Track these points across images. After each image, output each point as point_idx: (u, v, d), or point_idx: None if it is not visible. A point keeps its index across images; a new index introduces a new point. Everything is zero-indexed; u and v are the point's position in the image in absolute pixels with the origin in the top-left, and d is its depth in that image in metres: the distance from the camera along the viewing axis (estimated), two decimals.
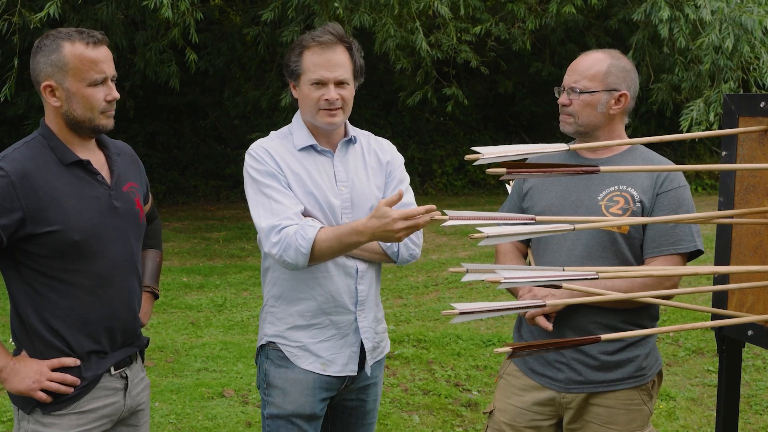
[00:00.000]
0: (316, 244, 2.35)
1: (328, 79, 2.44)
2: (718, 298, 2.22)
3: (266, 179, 2.46)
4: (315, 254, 2.37)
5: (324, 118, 2.48)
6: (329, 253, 2.39)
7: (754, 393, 4.80)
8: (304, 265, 2.39)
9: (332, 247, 2.37)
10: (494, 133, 14.18)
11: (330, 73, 2.44)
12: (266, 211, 2.43)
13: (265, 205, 2.44)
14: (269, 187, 2.45)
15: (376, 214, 2.28)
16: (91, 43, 2.19)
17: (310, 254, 2.36)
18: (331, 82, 2.45)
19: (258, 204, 2.46)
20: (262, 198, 2.45)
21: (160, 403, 4.55)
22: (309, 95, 2.47)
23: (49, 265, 2.20)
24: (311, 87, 2.46)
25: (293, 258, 2.37)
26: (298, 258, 2.37)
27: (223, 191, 12.40)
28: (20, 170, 2.15)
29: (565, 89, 2.54)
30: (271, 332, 2.59)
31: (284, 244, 2.37)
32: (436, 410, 4.54)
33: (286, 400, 2.54)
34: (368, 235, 2.30)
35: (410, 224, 2.23)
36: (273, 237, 2.39)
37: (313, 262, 2.40)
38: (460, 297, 7.01)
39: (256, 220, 2.45)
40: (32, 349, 2.24)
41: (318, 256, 2.39)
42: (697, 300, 6.29)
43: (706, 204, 11.03)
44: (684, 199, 2.47)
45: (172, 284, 7.29)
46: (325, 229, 2.39)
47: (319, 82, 2.45)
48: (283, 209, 2.42)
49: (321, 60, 2.44)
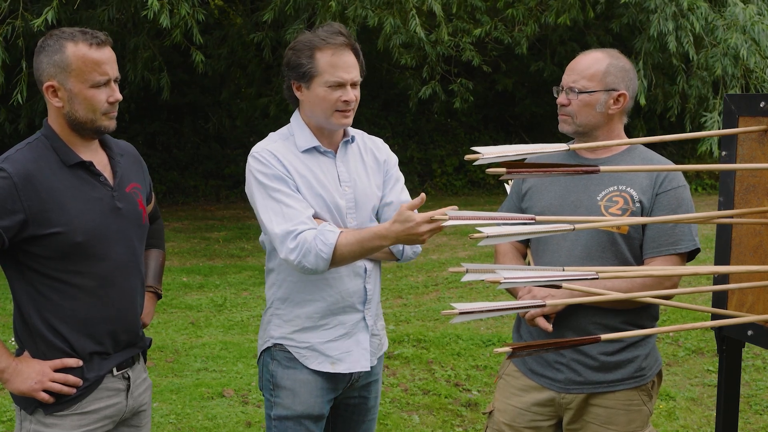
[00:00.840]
0: (338, 249, 2.35)
1: (346, 81, 2.46)
2: (718, 298, 2.22)
3: (275, 183, 2.44)
4: (336, 259, 2.36)
5: (339, 120, 2.49)
6: (350, 257, 2.39)
7: (754, 393, 4.81)
8: (323, 270, 2.38)
9: (354, 252, 2.37)
10: (494, 133, 14.18)
11: (348, 74, 2.46)
12: (279, 217, 2.41)
13: (276, 210, 2.42)
14: (278, 191, 2.43)
15: (399, 218, 2.28)
16: (95, 44, 2.18)
17: (331, 259, 2.35)
18: (348, 84, 2.47)
19: (268, 209, 2.43)
20: (273, 203, 2.43)
21: (160, 403, 4.55)
22: (326, 97, 2.46)
23: (51, 267, 2.20)
24: (329, 89, 2.45)
25: (313, 263, 2.35)
26: (319, 263, 2.35)
27: (223, 191, 12.40)
28: (22, 172, 2.14)
29: (564, 89, 2.53)
30: (277, 334, 2.58)
31: (303, 249, 2.35)
32: (436, 410, 4.54)
33: (296, 401, 2.53)
34: (392, 239, 2.31)
35: (434, 226, 2.26)
36: (289, 243, 2.37)
37: (333, 266, 2.39)
38: (460, 297, 7.01)
39: (268, 225, 2.42)
40: (35, 349, 2.24)
41: (338, 261, 2.38)
42: (697, 300, 6.29)
43: (706, 204, 11.03)
44: (683, 199, 2.47)
45: (172, 284, 7.30)
46: (346, 234, 2.38)
47: (338, 84, 2.45)
48: (296, 214, 2.40)
49: (338, 62, 2.45)
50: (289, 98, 2.59)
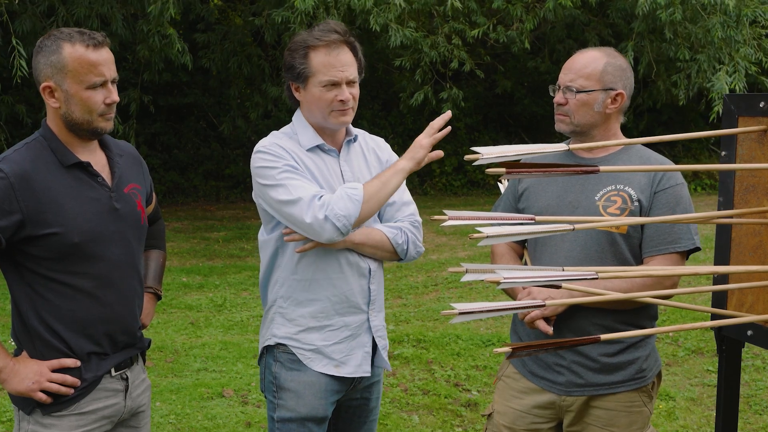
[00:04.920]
0: (366, 189, 2.39)
1: (341, 80, 2.43)
2: (717, 298, 2.21)
3: (289, 168, 2.42)
4: (365, 201, 2.38)
5: (337, 119, 2.47)
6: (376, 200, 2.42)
7: (753, 393, 4.80)
8: (355, 216, 2.36)
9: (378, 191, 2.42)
10: (494, 133, 14.18)
11: (342, 73, 2.43)
12: (299, 188, 2.38)
13: (295, 184, 2.39)
14: (295, 172, 2.42)
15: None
16: (92, 45, 2.17)
17: (362, 202, 2.37)
18: (343, 82, 2.44)
19: (286, 185, 2.39)
20: (291, 180, 2.40)
21: (159, 403, 4.55)
22: (321, 97, 2.45)
23: (49, 267, 2.19)
24: (323, 89, 2.44)
25: (345, 209, 2.34)
26: (350, 208, 2.35)
27: (223, 191, 12.40)
28: (20, 172, 2.14)
29: (561, 88, 2.52)
30: (281, 333, 2.55)
31: (333, 200, 2.35)
32: (436, 410, 4.54)
33: (300, 403, 2.52)
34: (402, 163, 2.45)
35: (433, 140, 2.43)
36: (316, 201, 2.35)
37: (362, 216, 2.39)
38: (460, 297, 7.01)
39: (289, 196, 2.37)
40: (33, 349, 2.24)
41: (367, 207, 2.39)
42: (696, 300, 6.29)
43: (706, 204, 11.02)
44: (682, 197, 2.46)
45: (172, 284, 7.29)
46: (367, 182, 2.45)
47: (332, 83, 2.43)
48: (314, 188, 2.41)
49: (332, 60, 2.43)
50: (290, 99, 2.58)
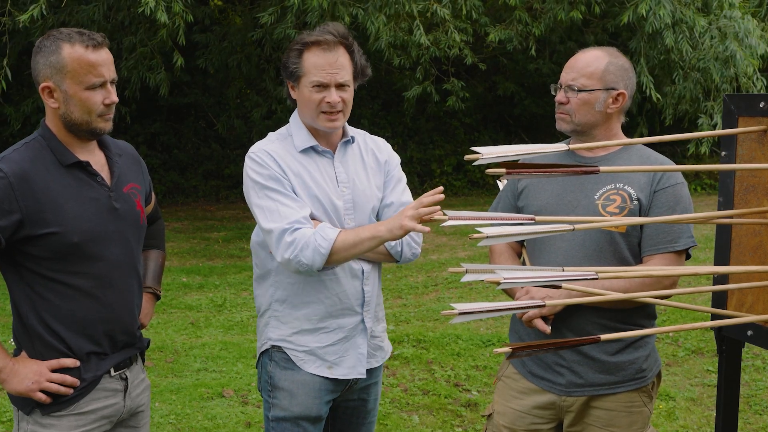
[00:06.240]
0: (336, 244, 2.33)
1: (329, 82, 2.42)
2: (717, 298, 2.21)
3: (270, 183, 2.43)
4: (333, 254, 2.34)
5: (324, 122, 2.46)
6: (347, 255, 2.37)
7: (753, 393, 4.80)
8: (319, 267, 2.36)
9: (350, 247, 2.35)
10: (494, 133, 14.17)
11: (332, 75, 2.41)
12: (275, 215, 2.39)
13: (272, 208, 2.40)
14: (275, 191, 2.42)
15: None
16: (91, 46, 2.17)
17: (329, 255, 2.33)
18: (332, 85, 2.42)
19: (264, 208, 2.42)
20: (269, 202, 2.41)
21: (159, 404, 4.55)
22: (310, 98, 2.44)
23: (48, 267, 2.19)
24: (312, 90, 2.43)
25: (310, 258, 2.33)
26: (315, 259, 2.33)
27: (223, 191, 12.40)
28: (19, 172, 2.14)
29: (563, 87, 2.52)
30: (275, 336, 2.56)
31: (300, 244, 2.33)
32: (436, 410, 4.54)
33: (293, 402, 2.52)
34: (382, 230, 2.32)
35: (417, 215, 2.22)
36: (287, 237, 2.35)
37: (329, 263, 2.37)
38: (460, 297, 7.01)
39: (264, 224, 2.40)
40: (32, 349, 2.24)
41: (335, 257, 2.36)
42: (696, 300, 6.29)
43: (706, 204, 11.02)
44: (682, 196, 2.46)
45: (172, 284, 7.29)
46: (345, 232, 2.38)
47: (320, 84, 2.42)
48: (292, 212, 2.38)
49: (322, 62, 2.41)
50: (289, 98, 2.58)
